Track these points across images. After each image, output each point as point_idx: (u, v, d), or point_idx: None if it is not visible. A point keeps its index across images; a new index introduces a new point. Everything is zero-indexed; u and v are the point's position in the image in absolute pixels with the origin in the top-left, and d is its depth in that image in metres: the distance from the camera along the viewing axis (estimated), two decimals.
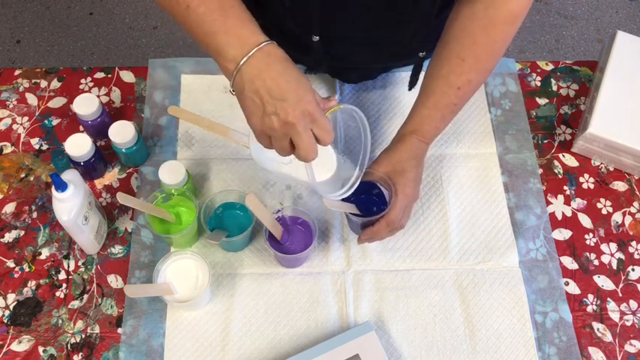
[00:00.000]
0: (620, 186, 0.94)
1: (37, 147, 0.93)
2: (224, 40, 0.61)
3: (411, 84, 0.91)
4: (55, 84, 0.98)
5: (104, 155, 0.90)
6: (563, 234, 0.89)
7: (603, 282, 0.86)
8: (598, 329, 0.83)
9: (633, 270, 0.87)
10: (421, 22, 0.80)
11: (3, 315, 0.80)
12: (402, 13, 0.78)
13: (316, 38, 0.81)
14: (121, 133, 0.85)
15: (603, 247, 0.89)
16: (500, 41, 0.76)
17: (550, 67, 1.05)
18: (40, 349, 0.79)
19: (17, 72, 0.99)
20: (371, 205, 0.81)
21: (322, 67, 0.94)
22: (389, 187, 0.78)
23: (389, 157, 0.78)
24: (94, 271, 0.84)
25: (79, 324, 0.80)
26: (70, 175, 0.76)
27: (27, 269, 0.84)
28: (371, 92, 0.99)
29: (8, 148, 0.92)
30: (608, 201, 0.92)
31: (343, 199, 0.78)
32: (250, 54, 0.60)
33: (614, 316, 0.84)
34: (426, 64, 0.84)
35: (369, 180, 0.79)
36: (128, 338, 0.79)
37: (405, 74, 1.01)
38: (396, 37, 0.83)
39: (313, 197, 0.90)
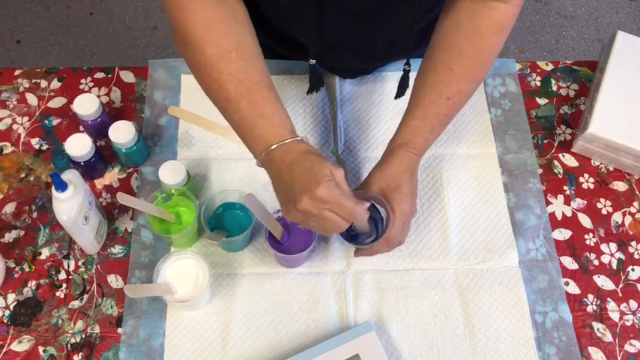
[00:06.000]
0: (620, 186, 0.94)
1: (37, 147, 0.93)
2: (252, 144, 0.70)
3: (398, 94, 0.91)
4: (55, 84, 0.98)
5: (104, 155, 0.90)
6: (563, 234, 0.90)
7: (603, 282, 0.86)
8: (598, 329, 0.83)
9: (633, 270, 0.87)
10: (406, 24, 0.80)
11: (3, 315, 0.81)
12: (387, 19, 0.78)
13: (313, 62, 0.83)
14: (121, 133, 0.85)
15: (603, 247, 0.89)
16: (488, 50, 0.75)
17: (550, 67, 1.05)
18: (40, 349, 0.79)
19: (17, 72, 0.99)
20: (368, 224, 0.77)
21: (320, 86, 0.95)
22: (383, 204, 0.75)
23: (381, 173, 0.76)
24: (94, 271, 0.84)
25: (79, 324, 0.80)
26: (70, 175, 0.76)
27: (27, 269, 0.84)
28: (370, 93, 0.99)
29: (8, 148, 0.92)
30: (608, 201, 0.93)
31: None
32: (269, 151, 0.67)
33: (614, 316, 0.84)
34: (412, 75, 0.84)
35: (363, 199, 0.76)
36: (128, 338, 0.79)
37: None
38: (382, 39, 0.84)
39: None
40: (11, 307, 0.81)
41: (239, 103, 0.68)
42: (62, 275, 0.83)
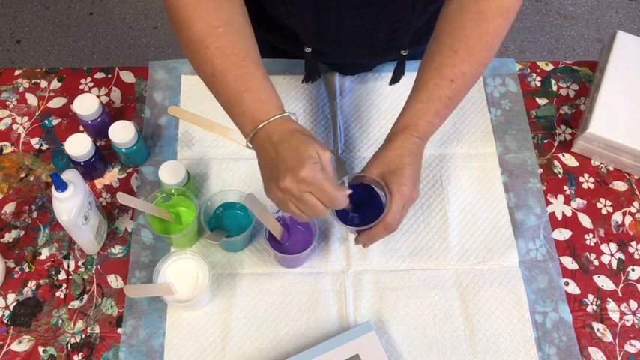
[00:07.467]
0: (620, 186, 0.94)
1: (37, 147, 0.93)
2: (239, 120, 0.69)
3: (393, 79, 0.91)
4: (55, 84, 0.98)
5: (104, 155, 0.90)
6: (563, 234, 0.90)
7: (603, 282, 0.86)
8: (598, 329, 0.83)
9: (633, 270, 0.87)
10: (408, 16, 0.80)
11: (3, 315, 0.81)
12: (392, 9, 0.79)
13: (308, 49, 0.82)
14: (121, 133, 0.85)
15: (603, 247, 0.89)
16: (493, 33, 0.74)
17: (550, 67, 1.05)
18: (40, 349, 0.79)
19: (17, 72, 0.99)
20: (367, 210, 0.76)
21: (316, 75, 0.95)
22: (382, 187, 0.73)
23: (381, 157, 0.74)
24: (94, 271, 0.84)
25: (79, 324, 0.80)
26: (70, 175, 0.76)
27: (27, 269, 0.84)
28: (370, 92, 0.99)
29: (8, 148, 0.93)
30: (608, 201, 0.93)
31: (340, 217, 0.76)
32: (257, 129, 0.67)
33: (614, 316, 0.84)
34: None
35: (362, 183, 0.76)
36: (128, 338, 0.79)
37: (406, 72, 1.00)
38: (382, 32, 0.84)
39: None
40: (11, 307, 0.81)
41: (225, 78, 0.68)
42: (62, 275, 0.83)
